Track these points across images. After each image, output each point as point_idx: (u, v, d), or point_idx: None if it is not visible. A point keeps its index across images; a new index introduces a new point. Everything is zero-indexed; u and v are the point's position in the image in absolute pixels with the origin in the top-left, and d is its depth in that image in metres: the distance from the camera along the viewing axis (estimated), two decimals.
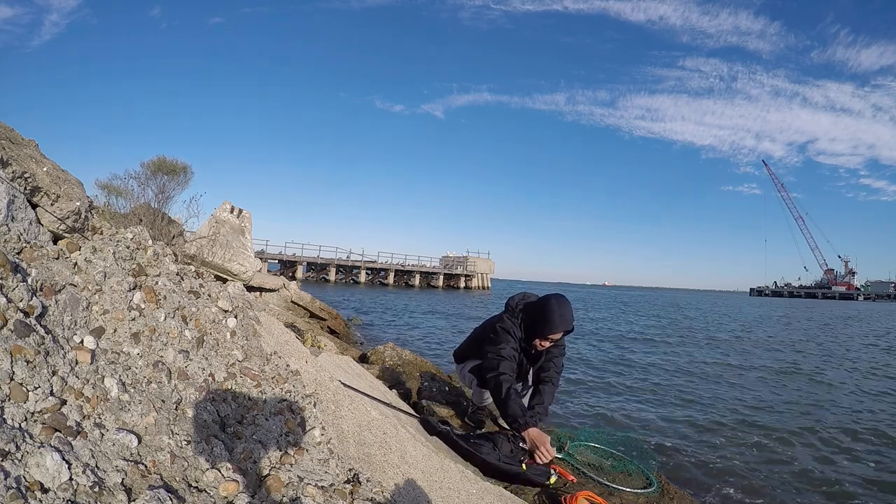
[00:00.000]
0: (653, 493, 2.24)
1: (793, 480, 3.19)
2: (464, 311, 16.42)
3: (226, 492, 1.19)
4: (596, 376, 6.16)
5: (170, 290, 1.61)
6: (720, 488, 2.99)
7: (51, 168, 1.49)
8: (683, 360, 7.95)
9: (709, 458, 3.49)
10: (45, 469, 0.93)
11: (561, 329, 2.48)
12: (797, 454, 3.67)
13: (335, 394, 1.80)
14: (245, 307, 1.89)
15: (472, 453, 2.18)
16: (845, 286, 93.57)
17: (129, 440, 1.14)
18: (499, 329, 2.54)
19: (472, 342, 2.96)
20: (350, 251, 36.31)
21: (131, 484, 1.05)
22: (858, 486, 3.14)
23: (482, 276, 41.15)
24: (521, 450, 2.25)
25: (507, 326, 2.54)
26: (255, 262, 6.14)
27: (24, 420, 0.99)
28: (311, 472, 1.43)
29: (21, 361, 1.05)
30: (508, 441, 2.28)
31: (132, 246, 1.64)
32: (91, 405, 1.14)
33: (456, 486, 1.77)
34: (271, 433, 1.47)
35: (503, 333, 2.52)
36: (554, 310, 2.46)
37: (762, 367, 7.67)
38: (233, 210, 5.38)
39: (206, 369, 1.51)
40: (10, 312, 1.10)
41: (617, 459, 2.56)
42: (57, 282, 1.30)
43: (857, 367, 8.04)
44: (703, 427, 4.22)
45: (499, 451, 2.20)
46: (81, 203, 1.51)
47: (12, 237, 1.25)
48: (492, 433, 2.46)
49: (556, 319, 2.45)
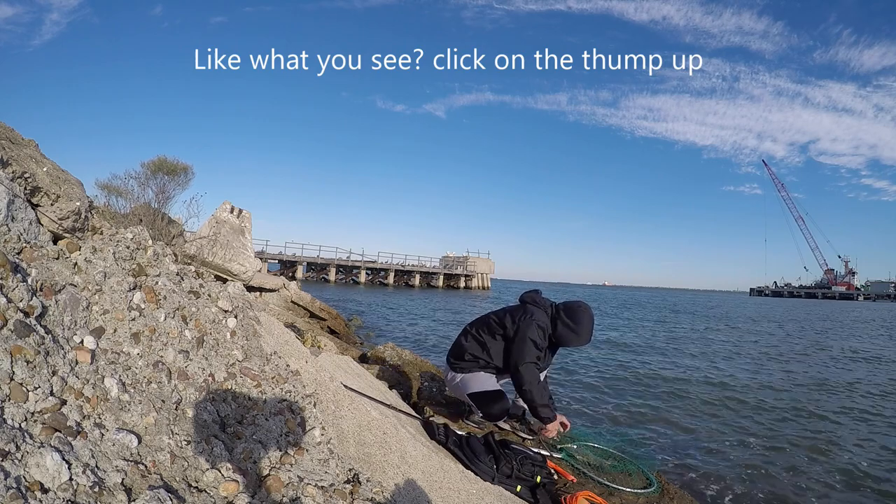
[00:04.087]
0: (653, 493, 2.24)
1: (794, 480, 3.19)
2: (464, 311, 16.42)
3: (226, 492, 1.19)
4: (596, 376, 6.16)
5: (170, 290, 1.61)
6: (720, 488, 2.99)
7: (51, 168, 1.50)
8: (684, 360, 7.95)
9: (709, 457, 3.49)
10: (45, 469, 0.93)
11: (583, 345, 2.64)
12: (798, 454, 3.67)
13: (335, 394, 1.80)
14: (245, 307, 1.89)
15: (466, 465, 2.10)
16: (845, 286, 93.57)
17: (129, 440, 1.14)
18: (535, 327, 2.53)
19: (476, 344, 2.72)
20: (350, 251, 36.32)
21: (131, 484, 1.05)
22: (860, 486, 3.14)
23: (482, 276, 41.15)
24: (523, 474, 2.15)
25: (543, 325, 2.56)
26: (255, 262, 6.14)
27: (24, 420, 0.99)
28: (311, 472, 1.43)
29: (21, 361, 1.05)
30: (511, 461, 2.16)
31: (132, 246, 1.64)
32: (91, 405, 1.14)
33: (456, 486, 1.77)
34: (271, 433, 1.46)
35: (537, 331, 2.53)
36: (585, 328, 2.59)
37: (763, 367, 7.67)
38: (233, 210, 5.38)
39: (206, 369, 1.51)
40: (10, 312, 1.10)
41: (617, 459, 2.56)
42: (57, 282, 1.30)
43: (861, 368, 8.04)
44: (704, 427, 4.22)
45: (497, 470, 2.11)
46: (81, 203, 1.51)
47: (12, 237, 1.25)
48: (497, 444, 2.29)
49: (584, 337, 2.60)
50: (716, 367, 7.46)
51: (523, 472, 2.15)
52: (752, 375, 6.91)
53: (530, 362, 2.48)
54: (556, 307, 2.64)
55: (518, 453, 2.23)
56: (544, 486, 2.14)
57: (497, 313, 2.73)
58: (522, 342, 2.49)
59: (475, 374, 2.69)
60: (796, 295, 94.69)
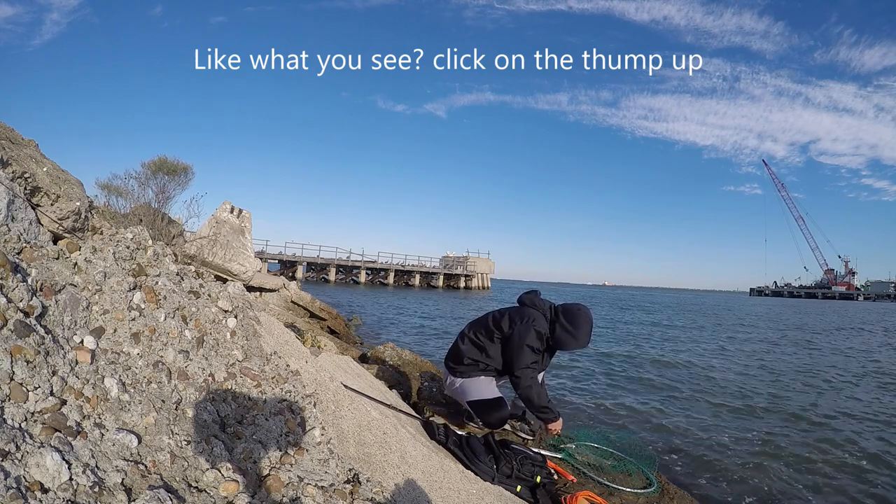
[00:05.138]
0: (653, 493, 2.24)
1: (794, 480, 3.19)
2: (464, 311, 16.42)
3: (226, 492, 1.19)
4: (597, 376, 6.16)
5: (170, 290, 1.61)
6: (721, 488, 2.99)
7: (51, 168, 1.50)
8: (683, 362, 7.95)
9: (709, 458, 3.49)
10: (45, 469, 0.93)
11: (581, 348, 2.63)
12: (799, 454, 3.67)
13: (335, 394, 1.80)
14: (245, 307, 1.89)
15: (466, 465, 2.11)
16: (845, 286, 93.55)
17: (129, 440, 1.14)
18: (533, 333, 2.51)
19: (474, 347, 2.70)
20: (350, 251, 36.30)
21: (131, 484, 1.05)
22: (860, 486, 3.14)
23: (482, 276, 41.15)
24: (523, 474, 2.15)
25: (541, 329, 2.55)
26: (255, 262, 6.14)
27: (24, 420, 0.99)
28: (311, 472, 1.43)
29: (21, 361, 1.05)
30: (511, 461, 2.16)
31: (132, 246, 1.64)
32: (91, 405, 1.14)
33: (456, 486, 1.77)
34: (271, 433, 1.46)
35: (534, 337, 2.52)
36: (584, 332, 2.56)
37: (764, 367, 7.67)
38: (233, 210, 5.38)
39: (206, 369, 1.51)
40: (10, 312, 1.10)
41: (617, 459, 2.56)
42: (57, 282, 1.30)
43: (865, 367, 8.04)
44: (704, 427, 4.22)
45: (497, 471, 2.11)
46: (81, 203, 1.51)
47: (12, 237, 1.25)
48: (497, 444, 2.29)
49: (583, 341, 2.58)
50: (716, 367, 7.46)
51: (523, 472, 2.14)
52: (753, 376, 6.91)
53: (527, 367, 2.49)
54: (554, 310, 2.62)
55: (518, 453, 2.23)
56: (544, 486, 2.14)
57: (495, 315, 2.71)
58: (520, 348, 2.50)
59: (475, 380, 2.67)
60: (796, 295, 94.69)
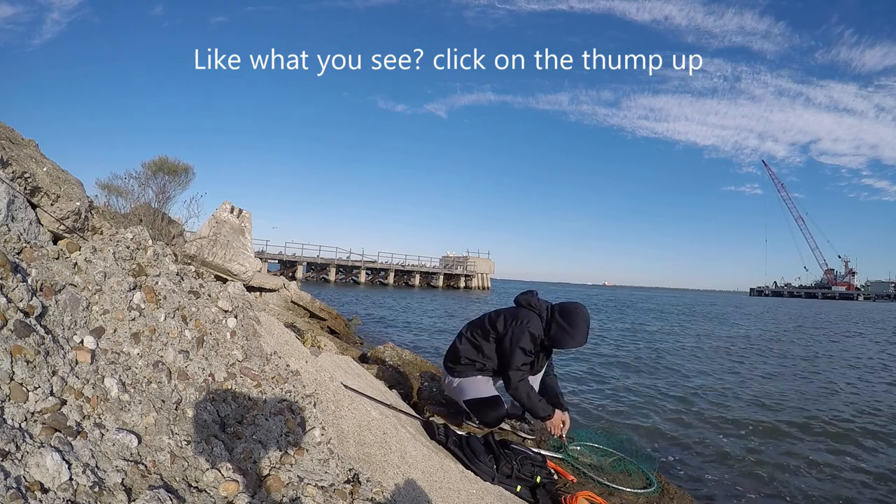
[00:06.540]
0: (653, 493, 2.24)
1: (795, 480, 3.19)
2: (463, 311, 16.42)
3: (226, 492, 1.19)
4: (596, 377, 6.16)
5: (170, 290, 1.61)
6: (721, 488, 2.99)
7: (51, 168, 1.50)
8: (684, 360, 7.95)
9: (709, 457, 3.49)
10: (45, 469, 0.93)
11: (578, 346, 2.59)
12: (799, 454, 3.67)
13: (335, 394, 1.80)
14: (245, 307, 1.89)
15: (466, 465, 2.10)
16: (845, 286, 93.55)
17: (129, 440, 1.14)
18: (526, 335, 2.52)
19: (471, 347, 2.74)
20: (350, 251, 36.30)
21: (131, 484, 1.05)
22: (861, 486, 3.14)
23: (482, 276, 41.14)
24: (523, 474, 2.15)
25: (535, 330, 2.55)
26: (255, 262, 6.14)
27: (24, 420, 0.99)
28: (311, 472, 1.43)
29: (21, 361, 1.05)
30: (511, 461, 2.16)
31: (132, 246, 1.64)
32: (91, 405, 1.14)
33: (456, 486, 1.77)
34: (271, 433, 1.46)
35: (527, 339, 2.52)
36: (581, 331, 2.54)
37: (765, 367, 7.66)
38: (233, 210, 5.38)
39: (206, 369, 1.51)
40: (10, 312, 1.10)
41: (617, 459, 2.56)
42: (57, 282, 1.30)
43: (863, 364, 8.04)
44: (704, 427, 4.22)
45: (497, 471, 2.11)
46: (81, 203, 1.51)
47: (12, 237, 1.25)
48: (497, 444, 2.29)
49: (580, 339, 2.55)
50: (716, 367, 7.46)
51: (523, 472, 2.14)
52: (754, 376, 6.91)
53: (518, 368, 2.51)
54: (551, 309, 2.63)
55: (518, 453, 2.23)
56: (544, 486, 2.13)
57: (491, 315, 2.75)
58: (512, 350, 2.52)
59: (472, 379, 2.70)
60: (796, 295, 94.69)
